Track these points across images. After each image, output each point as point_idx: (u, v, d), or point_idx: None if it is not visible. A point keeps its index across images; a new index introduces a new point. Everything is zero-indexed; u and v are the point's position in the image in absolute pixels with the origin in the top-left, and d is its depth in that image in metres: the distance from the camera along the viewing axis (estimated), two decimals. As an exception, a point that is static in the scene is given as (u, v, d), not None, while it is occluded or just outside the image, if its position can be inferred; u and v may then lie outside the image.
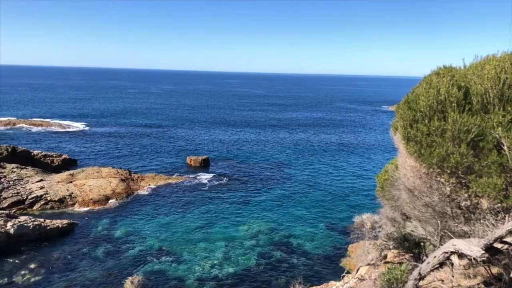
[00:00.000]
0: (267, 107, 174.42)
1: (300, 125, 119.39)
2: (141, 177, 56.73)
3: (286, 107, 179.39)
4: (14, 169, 53.06)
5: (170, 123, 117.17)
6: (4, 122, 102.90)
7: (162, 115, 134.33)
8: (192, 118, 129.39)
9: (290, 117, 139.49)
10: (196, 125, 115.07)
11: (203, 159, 67.40)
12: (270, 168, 66.45)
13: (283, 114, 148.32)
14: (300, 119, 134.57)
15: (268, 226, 41.75)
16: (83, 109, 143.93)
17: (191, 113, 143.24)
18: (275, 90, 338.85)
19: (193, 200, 49.55)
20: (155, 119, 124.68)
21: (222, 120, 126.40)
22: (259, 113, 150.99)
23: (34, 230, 36.71)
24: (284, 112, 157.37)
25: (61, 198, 46.89)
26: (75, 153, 72.06)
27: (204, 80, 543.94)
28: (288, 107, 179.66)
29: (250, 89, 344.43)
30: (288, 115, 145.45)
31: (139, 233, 39.16)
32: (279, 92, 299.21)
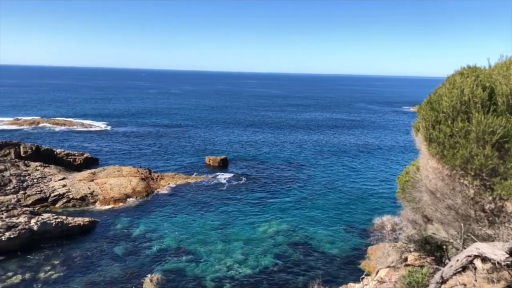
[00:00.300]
0: (285, 108, 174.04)
1: (319, 126, 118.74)
2: (161, 176, 57.31)
3: (305, 107, 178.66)
4: (38, 167, 54.28)
5: (189, 123, 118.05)
6: (29, 122, 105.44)
7: (182, 115, 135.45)
8: (211, 118, 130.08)
9: (308, 118, 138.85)
10: (214, 125, 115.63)
11: (222, 159, 67.68)
12: (288, 169, 66.27)
13: (302, 115, 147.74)
14: (319, 120, 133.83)
15: (286, 227, 41.63)
16: (104, 109, 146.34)
17: (210, 113, 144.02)
18: (293, 90, 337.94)
19: (211, 199, 49.80)
20: (174, 119, 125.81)
21: (240, 121, 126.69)
22: (277, 113, 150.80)
23: (57, 227, 37.47)
24: (303, 112, 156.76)
25: (83, 196, 47.75)
26: (96, 152, 73.29)
27: (223, 81, 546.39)
28: (307, 107, 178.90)
29: (268, 89, 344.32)
30: (307, 116, 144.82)
31: (158, 232, 39.56)
32: (297, 93, 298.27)
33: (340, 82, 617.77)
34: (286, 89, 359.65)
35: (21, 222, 36.41)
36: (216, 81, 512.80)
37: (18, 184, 48.03)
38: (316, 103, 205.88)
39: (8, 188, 46.91)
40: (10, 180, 48.44)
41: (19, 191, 46.85)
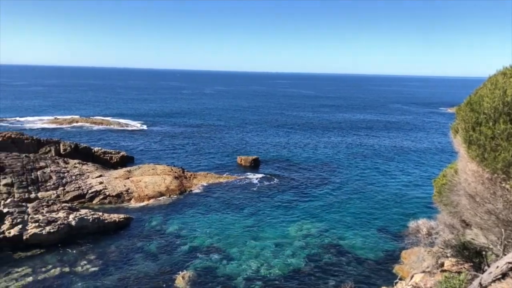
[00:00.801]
0: (317, 108, 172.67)
1: (352, 127, 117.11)
2: (194, 175, 58.09)
3: (337, 108, 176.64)
4: (77, 164, 56.16)
5: (222, 123, 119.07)
6: (68, 120, 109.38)
7: (214, 115, 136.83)
8: (243, 119, 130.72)
9: (341, 119, 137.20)
10: (247, 125, 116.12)
11: (253, 159, 67.89)
12: (320, 170, 65.70)
13: (335, 116, 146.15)
14: (352, 121, 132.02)
15: (317, 229, 41.29)
16: (140, 109, 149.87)
17: (242, 114, 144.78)
18: (325, 90, 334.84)
19: (243, 199, 50.03)
20: (207, 119, 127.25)
21: (272, 121, 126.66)
22: (309, 114, 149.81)
23: (93, 223, 38.65)
24: (336, 113, 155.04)
25: (119, 193, 49.04)
26: (132, 151, 75.13)
27: (255, 81, 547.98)
28: (340, 108, 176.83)
29: (300, 89, 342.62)
30: (340, 117, 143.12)
31: (191, 230, 40.10)
32: (330, 93, 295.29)
33: (374, 82, 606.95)
34: (318, 89, 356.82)
35: (60, 217, 37.79)
36: (249, 82, 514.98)
37: (58, 180, 49.87)
38: (349, 103, 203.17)
39: (48, 184, 48.80)
40: (51, 176, 50.37)
41: (58, 187, 48.65)
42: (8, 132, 69.95)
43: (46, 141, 67.84)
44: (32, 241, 34.80)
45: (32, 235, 34.95)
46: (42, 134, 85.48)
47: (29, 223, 36.10)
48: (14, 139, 66.79)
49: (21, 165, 50.87)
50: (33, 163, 52.59)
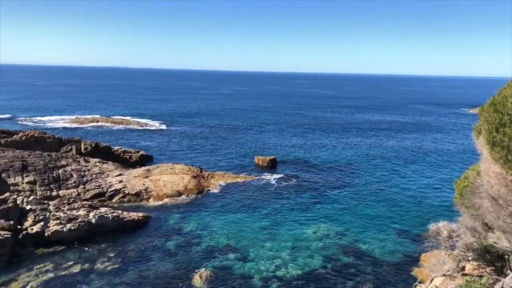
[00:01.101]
0: (336, 109, 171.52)
1: (371, 128, 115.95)
2: (211, 175, 58.39)
3: (357, 109, 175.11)
4: (97, 163, 57.10)
5: (240, 123, 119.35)
6: (89, 120, 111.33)
7: (232, 116, 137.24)
8: (261, 119, 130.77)
9: (360, 119, 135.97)
10: (265, 125, 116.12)
11: (271, 159, 67.82)
12: (338, 171, 65.23)
13: (354, 116, 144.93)
14: (371, 122, 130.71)
15: (335, 230, 41.00)
16: (159, 109, 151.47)
17: (260, 114, 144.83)
18: (344, 91, 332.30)
19: (260, 199, 50.05)
20: (225, 119, 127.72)
21: (290, 121, 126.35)
22: (328, 114, 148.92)
23: (113, 221, 39.22)
24: (355, 114, 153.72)
25: (138, 192, 49.65)
26: (151, 150, 75.97)
27: (273, 81, 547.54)
28: (359, 109, 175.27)
29: (320, 90, 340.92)
30: (359, 118, 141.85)
31: (208, 229, 40.31)
32: (350, 93, 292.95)
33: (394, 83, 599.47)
34: (338, 89, 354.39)
35: (81, 215, 38.47)
36: (267, 82, 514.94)
37: (79, 179, 50.78)
38: (368, 104, 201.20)
39: (69, 183, 49.75)
40: (72, 175, 51.33)
41: (79, 185, 49.54)
42: (31, 131, 71.65)
43: (67, 140, 69.20)
44: (53, 237, 35.52)
45: (53, 232, 35.68)
46: (64, 133, 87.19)
47: (50, 220, 36.86)
48: (37, 138, 68.36)
49: (43, 163, 51.97)
50: (55, 161, 53.68)
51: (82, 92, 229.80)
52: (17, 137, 68.72)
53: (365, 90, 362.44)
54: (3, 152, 55.08)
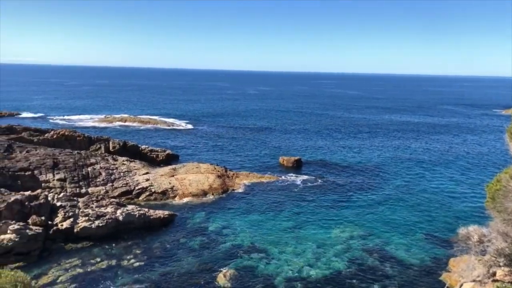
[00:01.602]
0: (363, 109, 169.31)
1: (398, 129, 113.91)
2: (236, 175, 58.61)
3: (383, 109, 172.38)
4: (125, 161, 58.19)
5: (265, 123, 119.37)
6: (117, 119, 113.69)
7: (258, 116, 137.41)
8: (286, 119, 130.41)
9: (387, 121, 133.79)
10: (290, 126, 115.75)
11: (296, 159, 67.51)
12: (365, 172, 64.33)
13: (380, 117, 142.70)
14: (398, 123, 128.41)
15: (360, 232, 40.43)
16: (186, 109, 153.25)
17: (285, 114, 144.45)
18: (372, 91, 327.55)
19: (285, 199, 49.89)
20: (251, 119, 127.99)
21: (316, 122, 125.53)
22: (354, 115, 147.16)
23: (140, 219, 39.88)
24: (381, 114, 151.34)
25: (164, 190, 50.33)
26: (177, 149, 76.88)
27: (299, 81, 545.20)
28: (385, 109, 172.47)
29: (346, 90, 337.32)
30: (386, 118, 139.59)
31: (233, 228, 40.47)
32: (377, 94, 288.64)
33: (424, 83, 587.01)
34: (365, 90, 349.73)
35: (108, 212, 39.28)
36: (292, 82, 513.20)
37: (107, 177, 51.88)
38: (395, 104, 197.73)
39: (98, 180, 50.89)
40: (100, 173, 52.48)
41: (107, 183, 50.61)
42: (62, 130, 73.70)
43: (96, 139, 70.85)
44: (82, 234, 36.41)
45: (82, 228, 36.56)
46: (93, 132, 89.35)
47: (79, 217, 37.80)
48: (68, 136, 70.28)
49: (73, 161, 53.34)
50: (84, 159, 55.01)
51: (110, 92, 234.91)
52: (48, 136, 70.87)
53: (391, 90, 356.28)
54: (36, 150, 56.86)
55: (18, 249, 32.38)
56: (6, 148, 56.03)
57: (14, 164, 49.77)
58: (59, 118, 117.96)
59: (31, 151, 56.10)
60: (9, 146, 57.33)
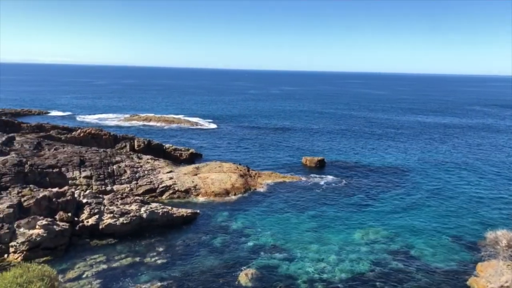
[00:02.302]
0: (389, 110, 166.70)
1: (426, 131, 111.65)
2: (258, 174, 58.61)
3: (410, 110, 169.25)
4: (149, 160, 59.04)
5: (288, 123, 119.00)
6: (142, 118, 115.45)
7: (281, 115, 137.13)
8: (310, 119, 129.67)
9: (414, 121, 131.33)
10: (313, 125, 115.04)
11: (319, 160, 67.01)
12: (390, 174, 63.30)
13: (407, 118, 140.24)
14: (426, 124, 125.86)
15: (385, 234, 39.78)
16: (210, 108, 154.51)
17: (309, 114, 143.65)
18: (399, 91, 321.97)
19: (307, 200, 49.59)
20: (273, 119, 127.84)
21: (340, 122, 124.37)
22: (380, 115, 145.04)
23: (163, 217, 40.36)
24: (408, 115, 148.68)
25: (187, 189, 50.80)
26: (200, 148, 77.54)
27: (324, 81, 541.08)
28: (413, 110, 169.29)
29: (372, 90, 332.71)
30: (412, 119, 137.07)
31: (255, 228, 40.47)
32: (405, 94, 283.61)
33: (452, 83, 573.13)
34: (391, 89, 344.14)
35: (133, 209, 39.91)
36: (317, 81, 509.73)
37: (132, 175, 52.73)
38: (422, 105, 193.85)
39: (123, 178, 51.78)
40: (125, 171, 53.39)
41: (132, 181, 51.45)
42: (88, 128, 75.45)
43: (122, 137, 72.20)
44: (107, 230, 37.12)
45: (107, 225, 37.27)
46: (119, 130, 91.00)
47: (105, 214, 38.54)
48: (94, 134, 71.85)
49: (99, 159, 54.46)
50: (110, 157, 56.09)
51: (136, 92, 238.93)
52: (76, 134, 72.67)
53: (419, 90, 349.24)
54: (63, 148, 58.37)
55: (45, 244, 33.29)
56: (35, 146, 57.73)
57: (43, 161, 51.19)
58: (86, 116, 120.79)
59: (59, 149, 57.62)
60: (38, 143, 59.05)
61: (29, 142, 58.77)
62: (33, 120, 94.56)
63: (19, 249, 32.56)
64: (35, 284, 21.20)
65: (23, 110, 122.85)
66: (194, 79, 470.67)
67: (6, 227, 33.45)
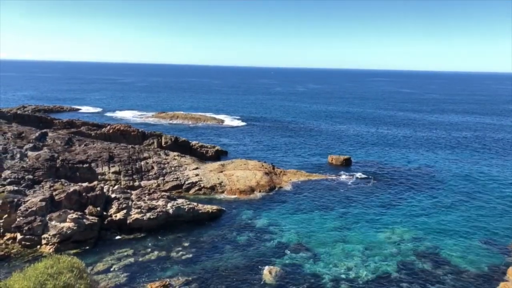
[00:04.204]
0: (418, 108, 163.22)
1: (458, 129, 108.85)
2: (284, 172, 58.55)
3: (441, 108, 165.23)
4: (176, 157, 59.84)
5: (314, 121, 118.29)
6: (170, 115, 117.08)
7: (307, 114, 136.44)
8: (337, 117, 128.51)
9: (445, 120, 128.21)
10: (339, 124, 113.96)
11: (345, 158, 66.37)
12: (418, 173, 62.07)
13: (438, 117, 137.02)
14: (458, 122, 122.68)
15: (412, 234, 39.09)
16: (236, 106, 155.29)
17: (335, 112, 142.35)
18: (428, 89, 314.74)
19: (333, 199, 49.21)
20: (300, 117, 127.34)
21: (367, 121, 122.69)
22: (409, 114, 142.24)
23: (189, 213, 40.91)
24: (439, 114, 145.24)
25: (212, 185, 51.26)
26: (226, 145, 78.09)
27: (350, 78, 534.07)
28: (444, 108, 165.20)
29: (400, 88, 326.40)
30: (444, 118, 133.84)
31: (279, 226, 40.48)
32: (434, 92, 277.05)
33: (486, 81, 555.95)
34: (420, 88, 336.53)
35: (159, 205, 40.60)
36: (343, 79, 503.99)
37: (159, 171, 53.61)
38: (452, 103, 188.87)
39: (150, 174, 52.71)
40: (153, 167, 54.33)
41: (159, 177, 52.31)
42: (117, 125, 77.11)
43: (149, 134, 73.45)
44: (134, 225, 37.92)
45: (134, 220, 38.07)
46: (146, 127, 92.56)
47: (132, 209, 39.37)
48: (123, 131, 73.39)
49: (127, 155, 55.60)
50: (138, 154, 57.16)
51: (163, 89, 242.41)
52: (105, 130, 74.40)
53: (450, 88, 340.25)
54: (93, 144, 59.88)
55: (75, 237, 34.31)
56: (66, 142, 59.44)
57: (74, 157, 52.68)
58: (116, 113, 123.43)
59: (89, 145, 59.15)
60: (69, 139, 60.77)
61: (60, 138, 60.55)
62: (64, 117, 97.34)
63: (51, 241, 33.67)
64: (65, 275, 21.87)
65: (55, 107, 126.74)
66: (219, 77, 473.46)
67: (38, 220, 34.64)
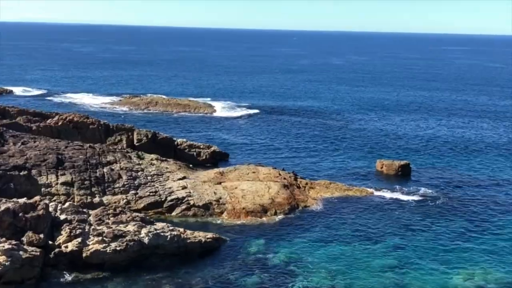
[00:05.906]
0: (507, 91, 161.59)
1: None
2: (310, 184, 58.37)
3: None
4: (154, 161, 59.86)
5: (355, 109, 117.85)
6: (146, 101, 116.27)
7: (345, 98, 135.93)
8: (389, 103, 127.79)
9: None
10: (393, 114, 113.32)
11: (402, 165, 66.01)
12: (508, 188, 61.58)
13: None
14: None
15: (500, 277, 38.77)
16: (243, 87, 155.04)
17: (386, 96, 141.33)
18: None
19: (383, 225, 48.96)
20: (334, 103, 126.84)
21: (435, 108, 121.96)
22: (496, 101, 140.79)
23: (172, 242, 40.87)
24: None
25: (207, 203, 51.22)
26: (227, 145, 78.03)
27: (409, 46, 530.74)
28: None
29: (483, 61, 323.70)
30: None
31: (304, 264, 40.28)
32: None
33: None
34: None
35: (130, 231, 40.61)
36: (398, 47, 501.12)
37: (129, 181, 53.73)
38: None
39: (116, 186, 52.84)
40: (120, 175, 54.46)
41: (129, 190, 52.42)
42: (69, 114, 76.65)
43: (116, 128, 73.32)
44: (93, 260, 37.95)
45: (93, 252, 38.12)
46: (111, 118, 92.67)
47: (90, 236, 39.42)
48: (77, 123, 73.18)
49: (83, 158, 55.72)
50: (99, 156, 57.28)
51: (137, 63, 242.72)
52: (52, 122, 74.24)
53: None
54: (34, 142, 59.83)
55: (8, 276, 34.32)
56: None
57: (6, 160, 52.75)
58: (67, 97, 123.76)
59: (28, 143, 59.18)
60: (0, 135, 60.78)
61: (-12, 133, 60.74)
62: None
63: (-27, 283, 33.83)
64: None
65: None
66: (218, 46, 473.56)
67: (-45, 251, 34.83)
